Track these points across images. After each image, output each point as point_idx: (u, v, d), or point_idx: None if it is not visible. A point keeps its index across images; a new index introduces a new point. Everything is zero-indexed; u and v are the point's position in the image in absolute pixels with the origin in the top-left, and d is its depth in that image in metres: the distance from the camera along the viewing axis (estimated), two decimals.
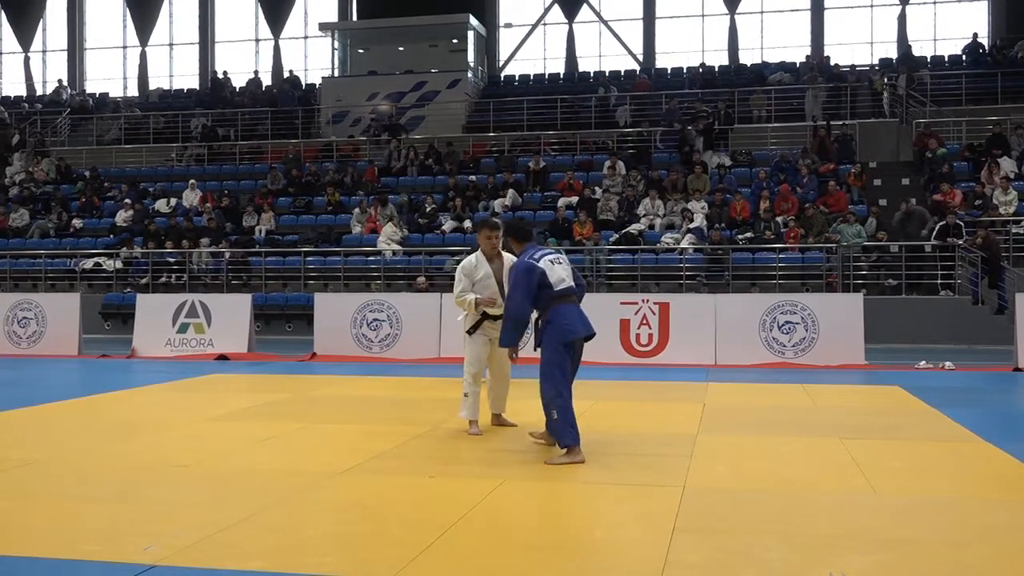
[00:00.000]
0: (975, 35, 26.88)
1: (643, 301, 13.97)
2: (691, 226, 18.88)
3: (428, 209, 21.21)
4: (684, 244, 18.60)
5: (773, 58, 28.82)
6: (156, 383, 11.48)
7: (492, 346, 7.36)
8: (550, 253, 6.80)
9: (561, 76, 30.45)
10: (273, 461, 6.63)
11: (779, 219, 18.93)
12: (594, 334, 6.78)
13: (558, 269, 6.66)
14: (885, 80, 24.53)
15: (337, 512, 5.35)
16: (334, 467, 6.29)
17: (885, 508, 5.26)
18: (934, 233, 17.40)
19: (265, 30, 34.40)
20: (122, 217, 22.90)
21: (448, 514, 5.03)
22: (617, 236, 19.16)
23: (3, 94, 35.78)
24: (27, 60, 36.60)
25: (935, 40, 29.16)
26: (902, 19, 29.06)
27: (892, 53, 28.37)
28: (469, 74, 28.67)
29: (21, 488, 5.81)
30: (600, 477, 6.07)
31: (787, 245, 18.16)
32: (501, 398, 7.87)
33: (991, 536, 4.77)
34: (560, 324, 6.58)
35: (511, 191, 21.40)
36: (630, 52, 31.17)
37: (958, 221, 17.28)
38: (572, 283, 6.70)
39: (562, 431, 6.47)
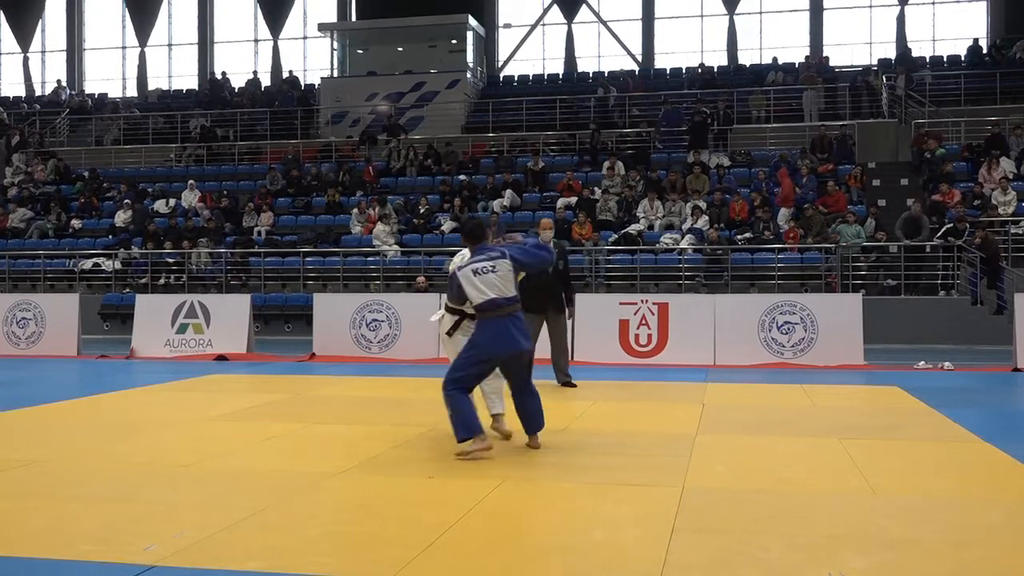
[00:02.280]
0: (976, 40, 26.92)
1: (642, 301, 13.97)
2: (694, 225, 18.90)
3: (422, 210, 21.22)
4: (683, 244, 18.61)
5: (771, 58, 28.86)
6: (155, 383, 11.48)
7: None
8: (485, 260, 6.56)
9: (560, 76, 30.47)
10: (272, 461, 6.63)
11: (782, 210, 18.99)
12: (516, 351, 6.53)
13: (475, 284, 6.49)
14: (884, 80, 24.55)
15: (336, 512, 5.35)
16: (333, 467, 6.29)
17: (884, 508, 5.26)
18: (938, 234, 17.41)
19: (264, 30, 34.42)
20: (121, 218, 22.90)
21: (447, 514, 5.03)
22: (616, 236, 19.17)
23: (2, 95, 35.77)
24: (26, 60, 36.60)
25: (934, 40, 29.19)
26: (901, 19, 29.09)
27: (891, 54, 28.40)
28: (468, 74, 28.70)
29: (21, 488, 5.81)
30: (599, 477, 6.07)
31: (786, 245, 18.18)
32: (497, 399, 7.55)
33: (990, 536, 4.78)
34: (476, 340, 6.60)
35: (509, 191, 21.42)
36: (629, 53, 31.20)
37: (967, 225, 17.29)
38: (492, 295, 6.46)
39: (454, 428, 6.52)
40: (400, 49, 29.61)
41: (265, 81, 32.24)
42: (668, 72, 29.61)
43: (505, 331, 6.49)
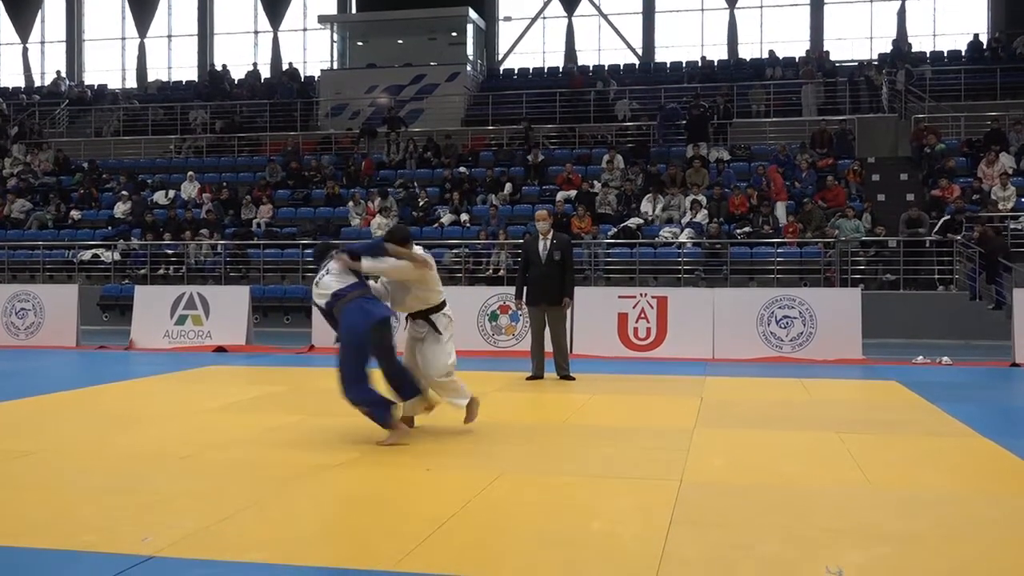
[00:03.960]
0: (976, 35, 26.89)
1: (641, 295, 13.97)
2: (694, 219, 18.91)
3: (421, 203, 21.20)
4: (682, 238, 18.61)
5: (768, 52, 28.81)
6: (154, 375, 11.49)
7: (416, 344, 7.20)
8: (319, 275, 6.92)
9: (560, 70, 30.43)
10: (271, 453, 6.63)
11: (779, 204, 18.99)
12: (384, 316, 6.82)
13: (317, 294, 6.93)
14: (884, 75, 24.53)
15: (335, 504, 5.36)
16: (331, 459, 6.30)
17: (882, 502, 5.27)
18: (936, 228, 17.41)
19: (264, 22, 34.36)
20: (120, 209, 22.89)
21: (445, 507, 5.03)
22: (616, 230, 19.16)
23: (1, 85, 35.71)
24: (25, 51, 36.53)
25: (934, 35, 29.17)
26: (902, 14, 29.04)
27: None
28: (468, 67, 28.65)
29: (19, 479, 5.81)
30: (597, 470, 6.08)
31: (785, 240, 18.18)
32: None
33: (988, 530, 4.78)
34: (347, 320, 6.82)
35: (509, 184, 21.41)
36: (629, 46, 31.16)
37: (963, 219, 17.29)
38: (335, 289, 6.80)
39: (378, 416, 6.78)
40: (400, 42, 29.57)
41: (265, 73, 32.20)
42: (668, 66, 29.56)
43: (359, 309, 6.72)
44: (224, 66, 32.17)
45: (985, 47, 26.38)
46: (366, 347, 6.74)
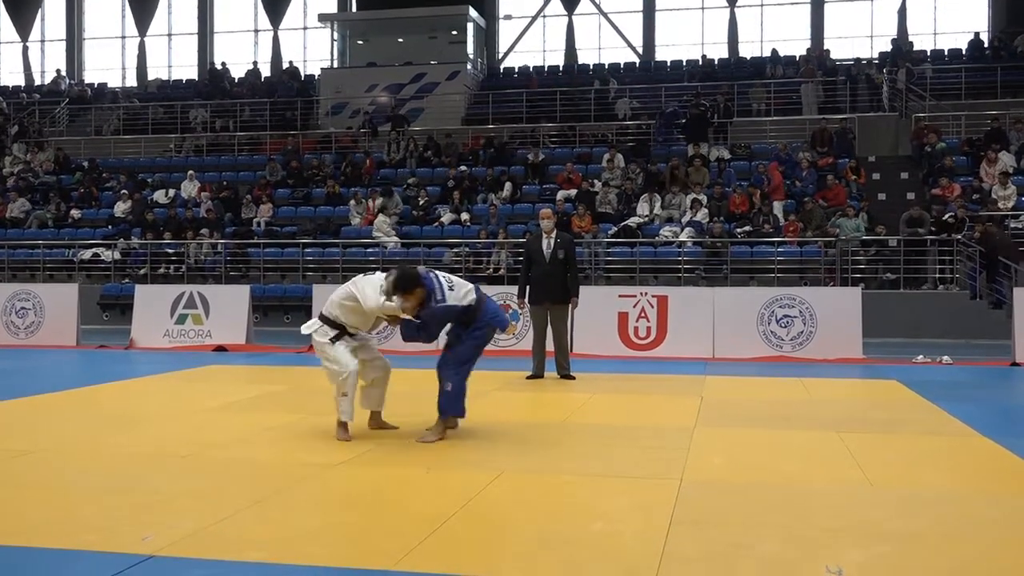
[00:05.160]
0: (976, 34, 26.89)
1: (641, 294, 13.97)
2: (694, 218, 18.91)
3: (422, 202, 21.21)
4: (683, 237, 18.61)
5: (770, 51, 28.83)
6: (154, 374, 11.49)
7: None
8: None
9: (560, 68, 30.42)
10: (271, 452, 6.63)
11: (776, 203, 18.98)
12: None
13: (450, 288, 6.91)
14: (884, 73, 24.51)
15: (334, 503, 5.36)
16: (331, 458, 6.30)
17: (882, 501, 5.26)
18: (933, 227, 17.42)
19: (264, 21, 34.37)
20: (120, 208, 22.88)
21: (445, 506, 5.03)
22: (616, 229, 19.15)
23: (1, 84, 35.70)
24: (25, 50, 36.53)
25: (935, 34, 29.17)
26: (902, 12, 29.03)
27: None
28: (468, 66, 28.66)
29: (19, 478, 5.81)
30: (597, 469, 6.08)
31: (786, 239, 18.17)
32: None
33: (988, 530, 4.78)
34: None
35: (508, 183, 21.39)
36: (630, 45, 31.17)
37: (965, 216, 17.29)
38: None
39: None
40: (400, 40, 29.57)
41: (265, 72, 32.19)
42: (669, 64, 29.56)
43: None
44: (224, 65, 32.16)
45: (986, 46, 26.37)
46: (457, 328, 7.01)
